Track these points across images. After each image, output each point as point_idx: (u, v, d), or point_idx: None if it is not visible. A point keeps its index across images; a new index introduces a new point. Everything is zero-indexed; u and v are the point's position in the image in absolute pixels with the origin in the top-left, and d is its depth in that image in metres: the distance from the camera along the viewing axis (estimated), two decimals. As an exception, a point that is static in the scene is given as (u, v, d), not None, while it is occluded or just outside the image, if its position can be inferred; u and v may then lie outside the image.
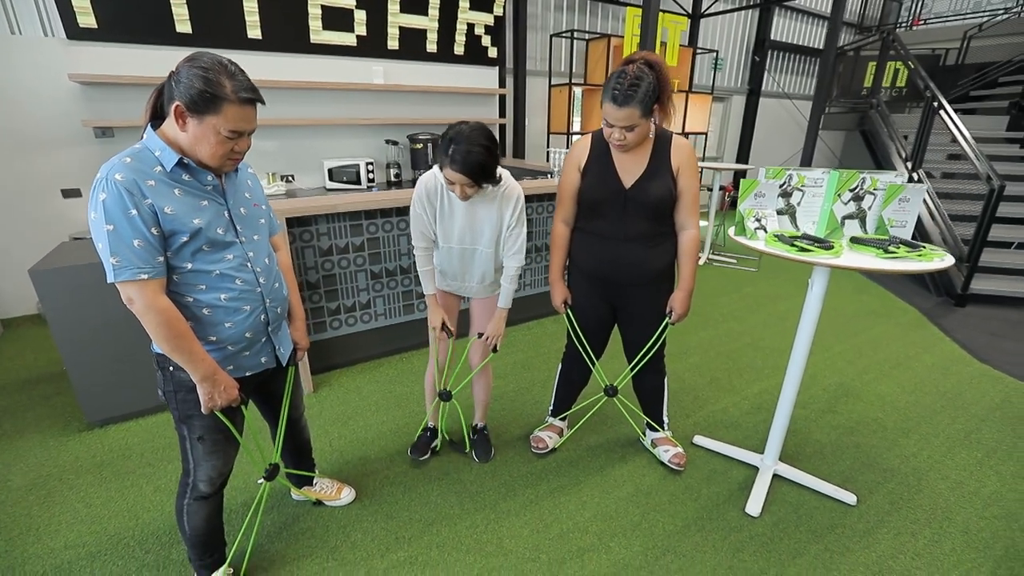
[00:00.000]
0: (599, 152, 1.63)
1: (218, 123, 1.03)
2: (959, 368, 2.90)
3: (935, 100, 4.24)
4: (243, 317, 1.20)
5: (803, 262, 1.48)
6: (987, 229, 3.64)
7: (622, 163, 1.60)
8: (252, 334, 1.23)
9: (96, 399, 2.16)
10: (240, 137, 1.09)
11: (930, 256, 1.48)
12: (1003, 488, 1.94)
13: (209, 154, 1.07)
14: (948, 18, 8.01)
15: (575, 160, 1.67)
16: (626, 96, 1.42)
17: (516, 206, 1.63)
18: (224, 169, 1.15)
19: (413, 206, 1.64)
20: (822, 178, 1.65)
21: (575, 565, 1.57)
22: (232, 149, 1.09)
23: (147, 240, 1.02)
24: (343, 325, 2.67)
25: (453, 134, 1.46)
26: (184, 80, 1.00)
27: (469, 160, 1.43)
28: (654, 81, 1.44)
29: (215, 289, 1.14)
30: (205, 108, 1.01)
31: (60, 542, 1.65)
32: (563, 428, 2.16)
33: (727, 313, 3.66)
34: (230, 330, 1.19)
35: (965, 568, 1.59)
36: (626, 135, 1.49)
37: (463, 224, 1.64)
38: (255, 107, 1.08)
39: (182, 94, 1.00)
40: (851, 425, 2.32)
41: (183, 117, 1.02)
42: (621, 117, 1.45)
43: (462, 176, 1.46)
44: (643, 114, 1.45)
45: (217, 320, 1.16)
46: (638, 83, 1.42)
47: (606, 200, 1.61)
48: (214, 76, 1.00)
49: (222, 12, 3.45)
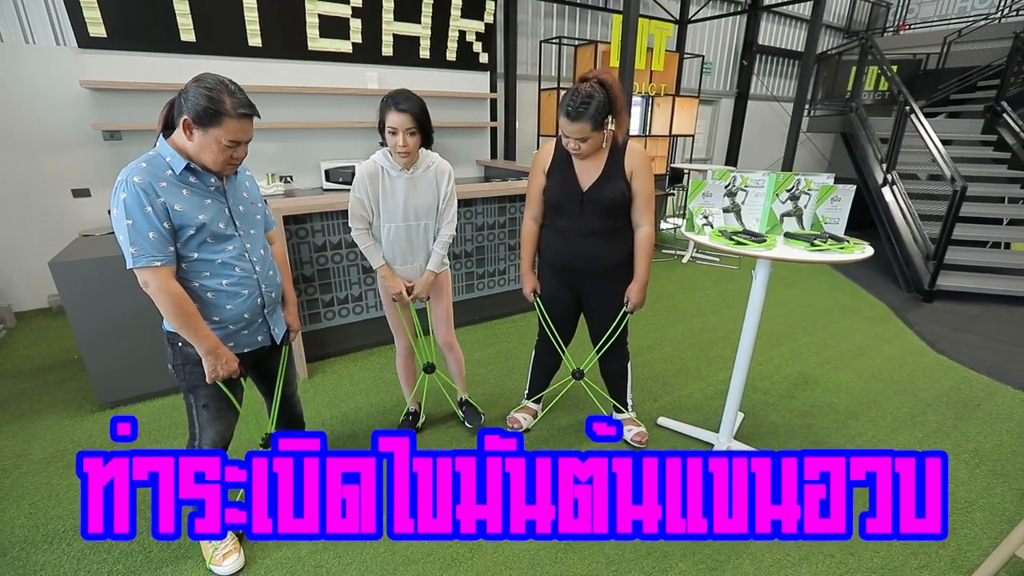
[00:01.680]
0: (561, 158, 1.81)
1: (219, 134, 1.22)
2: (916, 358, 3.08)
3: (907, 104, 4.42)
4: (242, 300, 1.39)
5: (737, 254, 1.67)
6: (951, 228, 3.83)
7: (581, 168, 1.78)
8: (250, 315, 1.43)
9: (108, 382, 2.35)
10: (238, 146, 1.28)
11: (851, 248, 1.66)
12: (936, 463, 2.12)
13: (212, 160, 1.27)
14: (933, 23, 8.19)
15: (540, 163, 1.86)
16: (578, 112, 1.59)
17: (449, 179, 1.84)
18: (224, 173, 1.34)
19: (353, 193, 1.77)
20: (763, 179, 1.83)
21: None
22: (231, 156, 1.28)
23: (160, 233, 1.22)
24: (336, 316, 2.86)
25: (390, 94, 1.66)
26: (192, 98, 1.20)
27: (412, 100, 1.63)
28: (604, 99, 1.61)
29: (217, 276, 1.34)
30: (208, 122, 1.20)
31: (79, 505, 1.84)
32: (537, 410, 2.35)
33: (705, 308, 3.85)
34: (230, 311, 1.38)
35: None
36: (580, 145, 1.67)
37: (405, 202, 1.79)
38: (251, 120, 1.28)
39: (190, 110, 1.20)
40: (806, 409, 2.51)
41: (190, 129, 1.22)
42: (574, 130, 1.63)
43: (407, 117, 1.62)
44: (593, 128, 1.62)
45: (219, 303, 1.36)
46: (589, 100, 1.59)
47: (566, 200, 1.79)
48: (217, 95, 1.20)
49: (224, 21, 3.64)
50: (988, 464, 2.13)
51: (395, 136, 1.66)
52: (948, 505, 1.88)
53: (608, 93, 1.61)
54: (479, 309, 3.40)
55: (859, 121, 5.42)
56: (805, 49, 4.89)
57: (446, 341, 2.16)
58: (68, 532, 1.72)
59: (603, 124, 1.64)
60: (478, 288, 3.34)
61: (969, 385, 2.77)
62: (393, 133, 1.66)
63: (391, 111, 1.64)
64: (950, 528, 1.78)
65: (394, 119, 1.64)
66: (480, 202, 3.15)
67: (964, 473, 2.07)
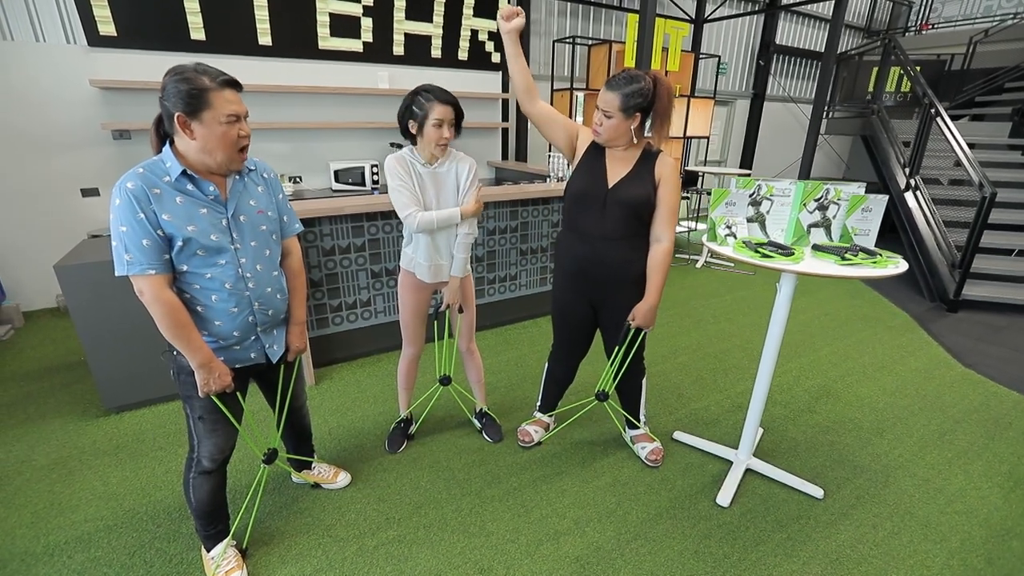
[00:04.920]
0: (596, 149, 1.74)
1: (214, 114, 1.16)
2: (942, 372, 2.97)
3: (932, 107, 4.28)
4: (231, 317, 1.33)
5: (764, 267, 1.59)
6: (979, 236, 3.69)
7: (611, 163, 1.71)
8: (240, 332, 1.37)
9: (113, 387, 2.32)
10: (239, 120, 1.22)
11: (885, 263, 1.57)
12: (968, 486, 2.02)
13: (223, 146, 1.21)
14: (958, 23, 7.97)
15: (583, 135, 1.78)
16: (615, 83, 1.57)
17: (470, 167, 1.81)
18: (234, 166, 1.27)
19: (393, 179, 1.71)
20: (789, 188, 1.75)
21: (551, 547, 1.69)
22: (239, 135, 1.22)
23: (154, 240, 1.17)
24: (344, 321, 2.81)
25: (418, 89, 1.66)
26: (171, 92, 1.14)
27: (448, 93, 1.65)
28: (648, 91, 1.55)
29: (207, 290, 1.28)
30: (198, 105, 1.15)
31: (80, 516, 1.80)
32: (549, 423, 2.28)
33: (720, 315, 3.75)
34: (220, 327, 1.33)
35: (919, 558, 1.68)
36: (603, 120, 1.61)
37: (432, 192, 1.77)
38: (236, 90, 1.22)
39: (175, 104, 1.14)
40: (828, 424, 2.41)
41: (186, 126, 1.16)
42: (603, 100, 1.59)
43: (449, 109, 1.64)
44: (622, 107, 1.56)
45: (209, 317, 1.31)
46: (631, 80, 1.55)
47: (589, 195, 1.71)
48: (192, 76, 1.14)
49: (234, 20, 3.61)
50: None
51: (440, 128, 1.66)
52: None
53: (655, 90, 1.57)
54: (490, 314, 3.33)
55: (880, 124, 5.27)
56: (825, 50, 4.75)
57: (468, 347, 2.12)
58: (70, 544, 1.68)
59: (634, 113, 1.58)
60: (488, 294, 3.27)
61: (999, 401, 2.66)
62: (439, 125, 1.65)
63: (436, 104, 1.63)
64: (987, 557, 1.69)
65: (441, 111, 1.64)
66: (491, 206, 3.08)
67: (999, 497, 1.96)
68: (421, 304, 1.94)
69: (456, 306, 1.95)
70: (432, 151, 1.72)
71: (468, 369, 2.20)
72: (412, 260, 1.86)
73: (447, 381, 2.13)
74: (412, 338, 2.01)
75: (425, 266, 1.84)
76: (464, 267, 1.89)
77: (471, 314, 2.05)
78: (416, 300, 1.92)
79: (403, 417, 2.22)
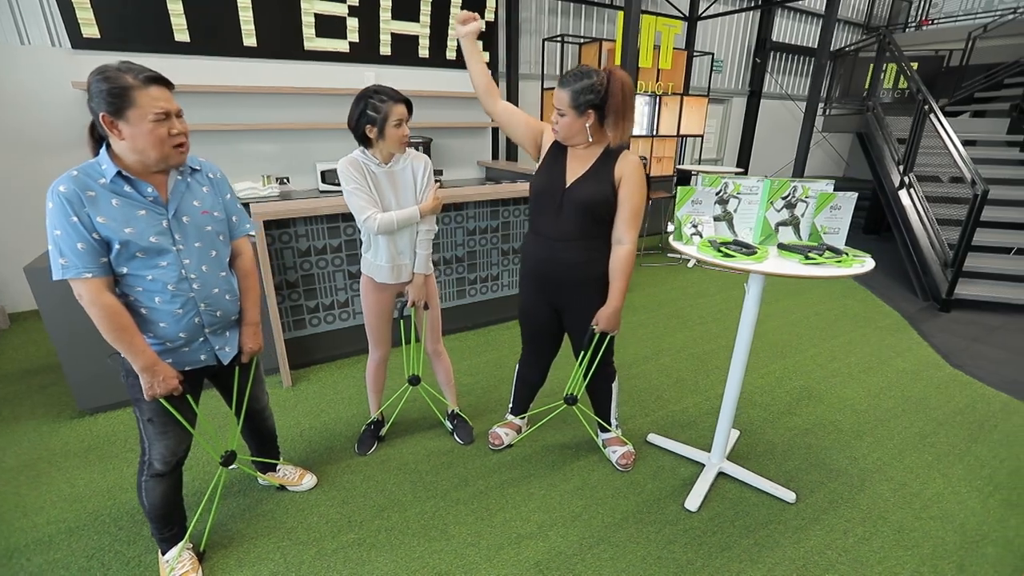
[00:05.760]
0: (557, 149, 1.71)
1: (140, 112, 1.14)
2: (930, 373, 2.91)
3: (925, 103, 4.21)
4: (175, 319, 1.31)
5: (723, 267, 1.55)
6: (971, 234, 3.63)
7: (571, 163, 1.67)
8: (187, 334, 1.35)
9: (87, 388, 2.32)
10: (169, 118, 1.19)
11: (850, 262, 1.53)
12: (946, 490, 1.98)
13: (153, 145, 1.17)
14: (958, 18, 7.86)
15: (546, 135, 1.76)
16: (566, 80, 1.54)
17: (426, 164, 1.82)
18: (172, 162, 1.24)
19: (348, 182, 1.69)
20: (757, 186, 1.71)
21: (511, 551, 1.66)
22: (170, 133, 1.19)
23: (89, 244, 1.16)
24: (322, 322, 2.80)
25: (366, 92, 1.65)
26: (95, 92, 1.12)
27: (398, 91, 1.67)
28: (601, 86, 1.51)
29: (149, 292, 1.27)
30: (122, 104, 1.12)
31: (44, 518, 1.79)
32: (521, 426, 2.25)
33: (707, 315, 3.71)
34: (165, 329, 1.31)
35: (889, 564, 1.64)
36: (557, 119, 1.58)
37: (388, 193, 1.76)
38: (164, 87, 1.19)
39: (99, 104, 1.13)
40: (807, 427, 2.37)
41: (113, 126, 1.14)
42: (556, 97, 1.57)
43: (404, 107, 1.66)
44: (572, 103, 1.53)
45: (153, 319, 1.29)
46: (582, 76, 1.51)
47: (547, 193, 1.68)
48: (114, 75, 1.12)
49: (219, 21, 3.60)
50: (1003, 492, 1.98)
51: (400, 127, 1.67)
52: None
53: (609, 86, 1.52)
54: (470, 315, 3.31)
55: (875, 120, 5.20)
56: (819, 45, 4.69)
57: (435, 348, 2.11)
58: (29, 546, 1.68)
59: (586, 110, 1.54)
60: (470, 294, 3.25)
61: (986, 403, 2.60)
62: (399, 124, 1.67)
63: (393, 104, 1.64)
64: (959, 564, 1.64)
65: (401, 110, 1.66)
66: (472, 206, 3.06)
67: (976, 502, 1.92)
68: (384, 305, 1.92)
69: (422, 304, 1.94)
70: (394, 150, 1.73)
71: (436, 371, 2.18)
72: (372, 265, 1.85)
73: (416, 381, 2.12)
74: (378, 341, 1.99)
75: (387, 268, 1.82)
76: (427, 264, 1.88)
77: (436, 312, 2.04)
78: (378, 301, 1.90)
79: (374, 419, 2.20)
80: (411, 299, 1.91)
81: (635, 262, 1.68)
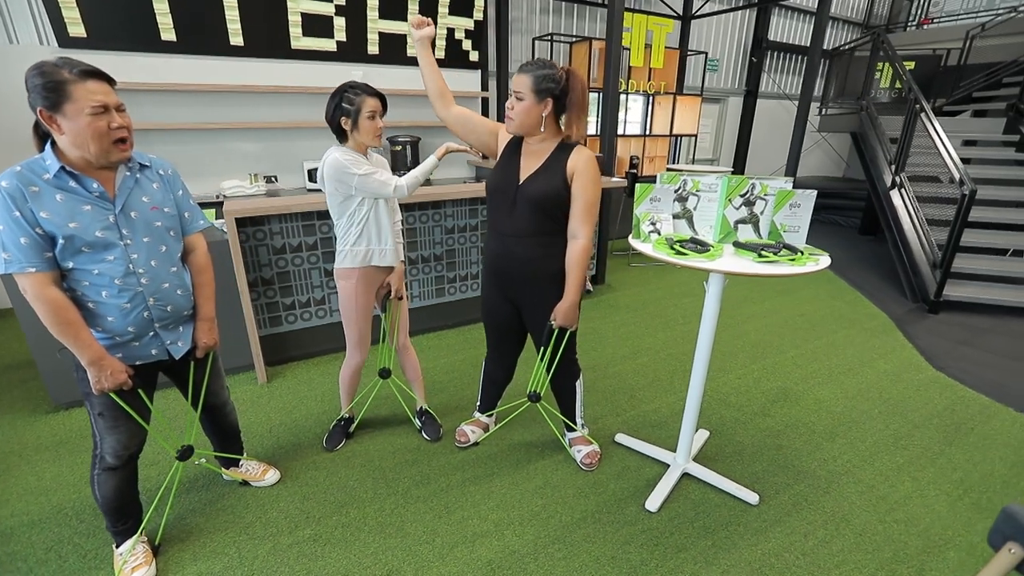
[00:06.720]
0: (513, 145, 1.72)
1: (77, 107, 1.14)
2: (911, 375, 2.88)
3: (916, 102, 4.17)
4: (123, 313, 1.32)
5: (677, 265, 1.54)
6: (959, 234, 3.58)
7: (525, 159, 1.68)
8: (136, 329, 1.36)
9: (61, 384, 2.34)
10: (107, 112, 1.19)
11: (804, 260, 1.52)
12: (914, 493, 1.95)
13: (93, 139, 1.17)
14: (959, 17, 7.77)
15: (503, 131, 1.77)
16: (528, 67, 1.57)
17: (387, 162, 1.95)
18: (114, 158, 1.24)
19: (356, 166, 1.71)
20: (716, 183, 1.70)
21: (465, 549, 1.66)
22: (110, 127, 1.19)
23: (32, 238, 1.16)
24: (298, 320, 2.81)
25: (342, 87, 1.72)
26: (31, 88, 1.13)
27: (371, 86, 1.73)
28: (561, 80, 1.55)
29: (96, 286, 1.28)
30: (57, 98, 1.13)
31: (7, 511, 1.81)
32: (488, 424, 2.25)
33: (691, 314, 3.68)
34: (113, 323, 1.32)
35: (847, 568, 1.62)
36: (514, 104, 1.59)
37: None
38: (102, 80, 1.19)
39: (35, 99, 1.13)
40: (779, 428, 2.35)
41: (51, 120, 1.15)
42: (516, 81, 1.58)
43: (377, 100, 1.73)
44: (534, 88, 1.55)
45: (101, 313, 1.30)
46: (545, 66, 1.55)
47: (500, 190, 1.69)
48: (50, 70, 1.13)
49: (205, 21, 3.63)
50: (973, 495, 1.95)
51: (374, 120, 1.73)
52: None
53: (568, 81, 1.56)
54: (449, 314, 3.31)
55: (868, 120, 5.15)
56: (811, 44, 4.66)
57: (404, 343, 2.13)
58: (-10, 539, 1.70)
59: (545, 97, 1.56)
60: (449, 292, 3.25)
61: (965, 406, 2.57)
62: (372, 117, 1.72)
63: (366, 97, 1.70)
64: (918, 568, 1.62)
65: (373, 103, 1.71)
66: (450, 204, 3.06)
67: (944, 505, 1.89)
68: (371, 302, 1.95)
69: (401, 294, 2.01)
70: (368, 143, 1.78)
71: (405, 367, 2.19)
72: (373, 252, 1.86)
73: (387, 374, 2.15)
74: (360, 341, 1.98)
75: (390, 249, 1.90)
76: (401, 253, 1.99)
77: (406, 305, 2.08)
78: (369, 297, 1.93)
79: (344, 415, 2.20)
80: (395, 288, 1.97)
81: (590, 258, 1.68)
